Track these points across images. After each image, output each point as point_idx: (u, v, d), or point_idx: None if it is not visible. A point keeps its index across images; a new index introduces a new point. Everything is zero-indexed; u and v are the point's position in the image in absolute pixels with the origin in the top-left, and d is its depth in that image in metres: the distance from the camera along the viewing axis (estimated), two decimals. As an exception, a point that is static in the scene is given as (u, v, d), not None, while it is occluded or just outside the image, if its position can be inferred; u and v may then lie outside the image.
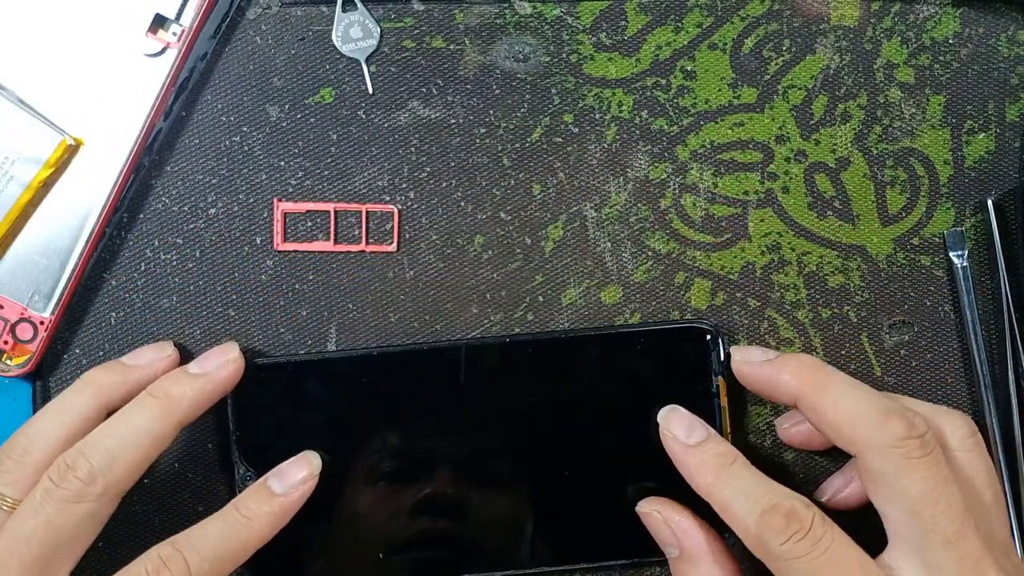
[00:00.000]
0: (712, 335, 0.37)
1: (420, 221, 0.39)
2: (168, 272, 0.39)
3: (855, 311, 0.39)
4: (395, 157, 0.39)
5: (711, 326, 0.37)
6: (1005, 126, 0.39)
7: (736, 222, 0.39)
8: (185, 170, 0.39)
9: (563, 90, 0.39)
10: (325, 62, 0.39)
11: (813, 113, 0.39)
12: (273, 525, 0.34)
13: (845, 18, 0.39)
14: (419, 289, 0.39)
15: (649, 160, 0.39)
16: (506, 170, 0.39)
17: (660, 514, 0.35)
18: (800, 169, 0.39)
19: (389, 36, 0.39)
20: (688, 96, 0.39)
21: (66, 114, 0.37)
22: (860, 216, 0.39)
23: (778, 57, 0.39)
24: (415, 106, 0.39)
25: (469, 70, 0.39)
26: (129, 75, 0.37)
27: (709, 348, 0.37)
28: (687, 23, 0.39)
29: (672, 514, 0.35)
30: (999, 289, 0.38)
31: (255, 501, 0.34)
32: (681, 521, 0.35)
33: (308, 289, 0.39)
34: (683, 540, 0.34)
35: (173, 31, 0.37)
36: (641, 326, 0.38)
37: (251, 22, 0.39)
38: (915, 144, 0.39)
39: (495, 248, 0.39)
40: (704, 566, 0.34)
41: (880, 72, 0.39)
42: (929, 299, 0.39)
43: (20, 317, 0.38)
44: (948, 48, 0.39)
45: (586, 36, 0.39)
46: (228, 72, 0.39)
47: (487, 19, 0.39)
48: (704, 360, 0.37)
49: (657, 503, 0.36)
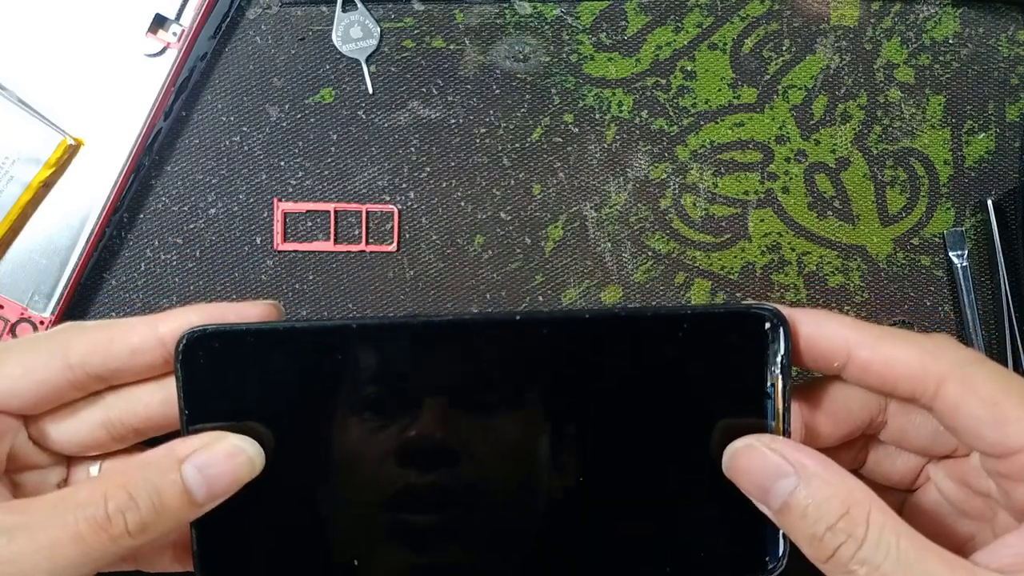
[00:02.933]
0: (773, 323, 0.29)
1: (420, 221, 0.39)
2: (168, 272, 0.39)
3: (855, 311, 0.39)
4: (395, 157, 0.39)
5: (771, 311, 0.29)
6: (1005, 126, 0.39)
7: (736, 222, 0.39)
8: (185, 170, 0.39)
9: (563, 90, 0.39)
10: (325, 62, 0.39)
11: (813, 113, 0.39)
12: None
13: (845, 18, 0.39)
14: (419, 289, 0.39)
15: (649, 160, 0.39)
16: (506, 170, 0.39)
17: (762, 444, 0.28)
18: (800, 169, 0.39)
19: (389, 36, 0.39)
20: (688, 96, 0.39)
21: (66, 114, 0.37)
22: (860, 216, 0.39)
23: (778, 57, 0.39)
24: (415, 106, 0.39)
25: (469, 70, 0.39)
26: (129, 75, 0.37)
27: (768, 339, 0.30)
28: (687, 23, 0.39)
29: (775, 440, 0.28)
30: (999, 289, 0.38)
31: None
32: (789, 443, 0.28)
33: (308, 289, 0.39)
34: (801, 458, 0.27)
35: (173, 31, 0.37)
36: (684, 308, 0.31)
37: (251, 22, 0.39)
38: (915, 144, 0.39)
39: (495, 248, 0.39)
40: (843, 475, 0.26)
41: (880, 72, 0.39)
42: (929, 299, 0.39)
43: (20, 317, 0.38)
44: (948, 48, 0.39)
45: (586, 36, 0.39)
46: (228, 72, 0.39)
47: (487, 19, 0.39)
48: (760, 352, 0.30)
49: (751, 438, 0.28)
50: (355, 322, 0.30)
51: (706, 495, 0.30)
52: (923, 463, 0.31)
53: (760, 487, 0.27)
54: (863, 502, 0.25)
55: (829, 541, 0.25)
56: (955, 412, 0.26)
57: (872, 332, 0.28)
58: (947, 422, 0.27)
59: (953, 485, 0.30)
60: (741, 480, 0.28)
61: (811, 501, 0.26)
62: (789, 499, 0.26)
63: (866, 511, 0.25)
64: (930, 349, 0.27)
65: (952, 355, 0.27)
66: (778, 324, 0.29)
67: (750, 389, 0.30)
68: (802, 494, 0.26)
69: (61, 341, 0.27)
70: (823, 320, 0.28)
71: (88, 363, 0.27)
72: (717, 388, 0.30)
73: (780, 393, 0.30)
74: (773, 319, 0.29)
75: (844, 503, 0.25)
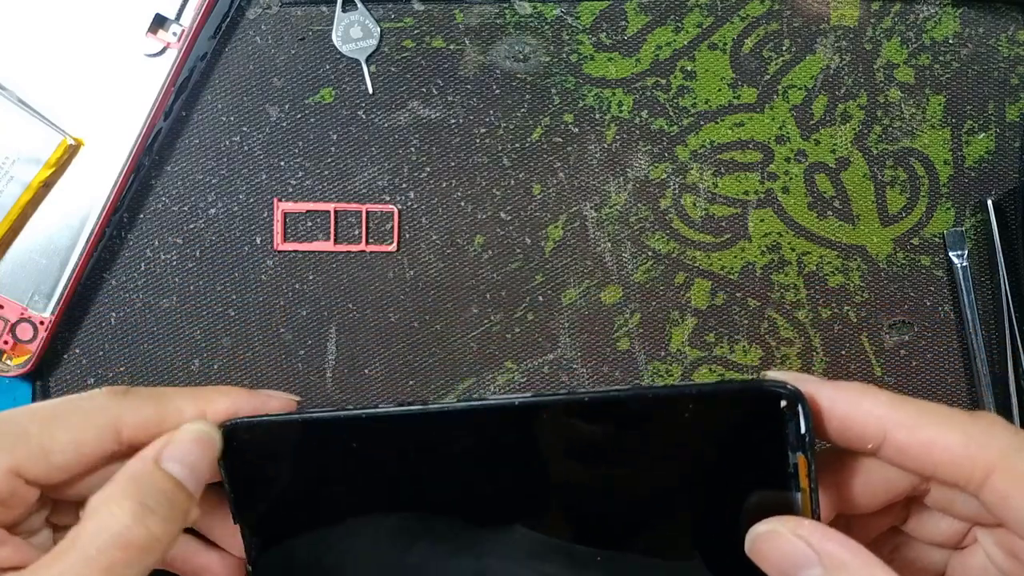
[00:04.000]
0: (789, 400, 0.27)
1: (420, 221, 0.39)
2: (168, 272, 0.39)
3: (855, 311, 0.39)
4: (395, 157, 0.39)
5: (788, 388, 0.27)
6: (1005, 126, 0.39)
7: (736, 222, 0.39)
8: (185, 170, 0.39)
9: (563, 90, 0.39)
10: (325, 62, 0.39)
11: (813, 113, 0.39)
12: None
13: (845, 18, 0.39)
14: (419, 289, 0.39)
15: (649, 160, 0.39)
16: (506, 170, 0.39)
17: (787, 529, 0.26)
18: (800, 169, 0.39)
19: (389, 36, 0.39)
20: (688, 96, 0.39)
21: (66, 114, 0.37)
22: (860, 216, 0.39)
23: (778, 57, 0.39)
24: (415, 106, 0.39)
25: (469, 70, 0.39)
26: (129, 75, 0.37)
27: (785, 417, 0.27)
28: (687, 23, 0.39)
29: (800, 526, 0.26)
30: (999, 289, 0.38)
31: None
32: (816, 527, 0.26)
33: (308, 289, 0.39)
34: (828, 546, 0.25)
35: (173, 31, 0.37)
36: (694, 385, 0.31)
37: (251, 22, 0.39)
38: (915, 144, 0.39)
39: (495, 248, 0.39)
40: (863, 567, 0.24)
41: (880, 72, 0.39)
42: (929, 299, 0.39)
43: (20, 317, 0.38)
44: (948, 48, 0.39)
45: (586, 36, 0.39)
46: (228, 72, 0.39)
47: (487, 19, 0.39)
48: (778, 431, 0.27)
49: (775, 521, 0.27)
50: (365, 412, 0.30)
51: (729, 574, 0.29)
52: (970, 526, 0.29)
53: (783, 574, 0.26)
54: None
55: None
56: (1005, 505, 0.25)
57: (910, 411, 0.26)
58: (995, 512, 0.25)
59: (1002, 554, 0.28)
60: (764, 565, 0.27)
61: None
62: None
63: None
64: (975, 435, 0.25)
65: (1001, 442, 0.25)
66: (795, 401, 0.27)
67: (773, 468, 0.28)
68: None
69: (112, 416, 0.27)
70: (855, 396, 0.27)
71: (136, 440, 0.27)
72: (737, 467, 0.29)
73: (805, 472, 0.27)
74: (789, 397, 0.27)
75: None
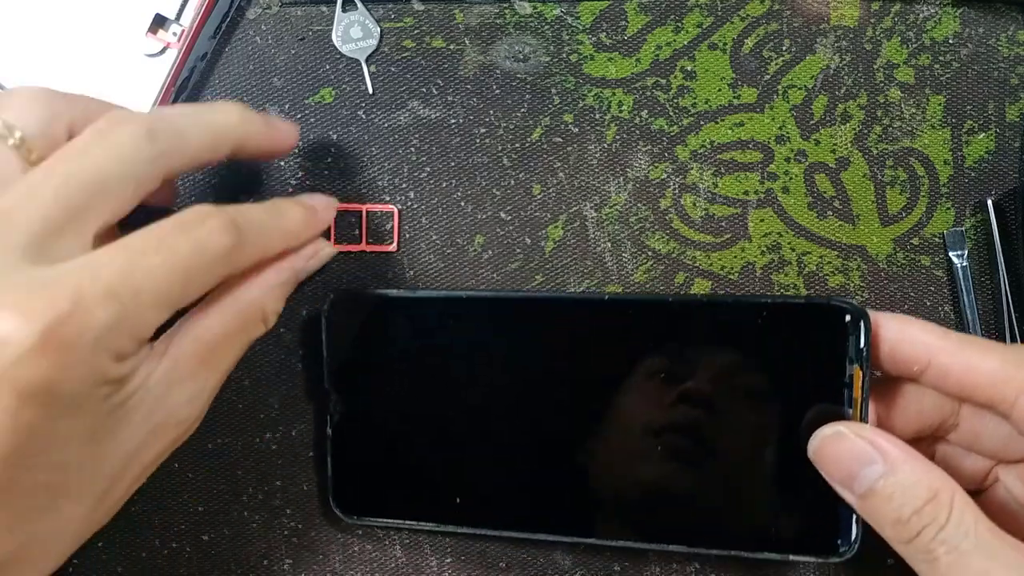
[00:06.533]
0: (853, 315, 0.31)
1: (420, 221, 0.39)
2: (168, 272, 0.39)
3: (855, 311, 0.39)
4: (395, 157, 0.39)
5: (853, 305, 0.31)
6: (1005, 126, 0.39)
7: (736, 222, 0.39)
8: (185, 170, 0.39)
9: (563, 90, 0.39)
10: (325, 62, 0.39)
11: (813, 113, 0.39)
12: (304, 224, 0.33)
13: (845, 18, 0.39)
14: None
15: (649, 160, 0.39)
16: (506, 170, 0.39)
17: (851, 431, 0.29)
18: (800, 169, 0.39)
19: (389, 36, 0.39)
20: (688, 96, 0.39)
21: (66, 114, 0.37)
22: (860, 216, 0.39)
23: (778, 57, 0.39)
24: (415, 106, 0.39)
25: (469, 70, 0.39)
26: (129, 75, 0.37)
27: (848, 330, 0.32)
28: (687, 23, 0.39)
29: (863, 429, 0.29)
30: (999, 289, 0.38)
31: (285, 203, 0.33)
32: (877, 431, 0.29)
33: (308, 289, 0.39)
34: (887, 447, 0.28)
35: (173, 31, 0.37)
36: (766, 297, 0.35)
37: (251, 22, 0.39)
38: (915, 144, 0.39)
39: (495, 248, 0.39)
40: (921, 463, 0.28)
41: (880, 72, 0.39)
42: (929, 299, 0.39)
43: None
44: (948, 48, 0.39)
45: (586, 36, 0.39)
46: (228, 72, 0.39)
47: (487, 19, 0.39)
48: (839, 344, 0.32)
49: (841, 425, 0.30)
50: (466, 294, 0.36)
51: (784, 477, 0.32)
52: (992, 465, 0.31)
53: (847, 473, 0.29)
54: (947, 489, 0.27)
55: (914, 523, 0.27)
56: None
57: (954, 338, 0.29)
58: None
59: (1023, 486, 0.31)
60: (827, 465, 0.30)
61: (898, 487, 0.27)
62: (875, 485, 0.28)
63: (950, 497, 0.27)
64: (1010, 359, 0.28)
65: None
66: (858, 318, 0.31)
67: (830, 379, 0.32)
68: (890, 480, 0.28)
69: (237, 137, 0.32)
70: (907, 324, 0.30)
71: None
72: (799, 375, 0.32)
73: (859, 384, 0.31)
74: (854, 312, 0.31)
75: (931, 489, 0.27)
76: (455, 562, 0.39)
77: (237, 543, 0.39)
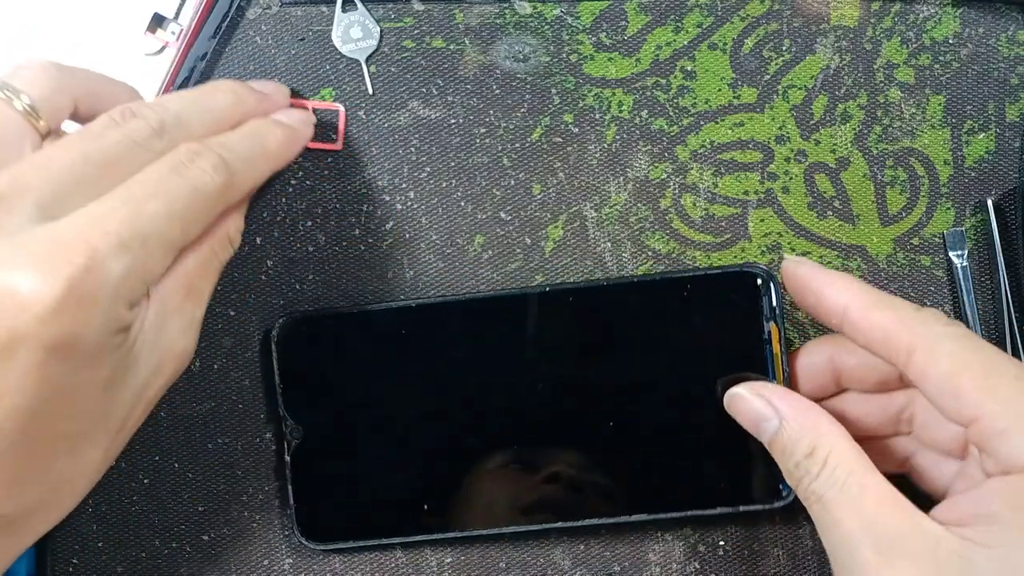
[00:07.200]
0: (763, 278, 0.35)
1: (420, 221, 0.39)
2: (168, 272, 0.39)
3: (855, 311, 0.39)
4: (395, 157, 0.39)
5: (763, 269, 0.36)
6: (1005, 126, 0.39)
7: (736, 222, 0.39)
8: (185, 170, 0.39)
9: (563, 90, 0.39)
10: (325, 62, 0.39)
11: (813, 113, 0.39)
12: (287, 146, 0.34)
13: (845, 18, 0.39)
14: (419, 289, 0.39)
15: (649, 160, 0.39)
16: (506, 170, 0.39)
17: (748, 392, 0.33)
18: (800, 169, 0.39)
19: (389, 36, 0.39)
20: (688, 96, 0.39)
21: (66, 114, 0.37)
22: (860, 216, 0.39)
23: (778, 57, 0.39)
24: (415, 106, 0.39)
25: (469, 70, 0.39)
26: (128, 74, 0.37)
27: (760, 292, 0.35)
28: (687, 23, 0.39)
29: (762, 388, 0.33)
30: (999, 289, 0.38)
31: (266, 127, 0.34)
32: (776, 389, 0.33)
33: (308, 289, 0.39)
34: (781, 404, 0.32)
35: (172, 30, 0.37)
36: (687, 271, 0.37)
37: (251, 22, 0.39)
38: (915, 144, 0.39)
39: (495, 248, 0.39)
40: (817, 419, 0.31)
41: (880, 72, 0.39)
42: (929, 299, 0.39)
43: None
44: (948, 48, 0.39)
45: (586, 36, 0.39)
46: (228, 72, 0.39)
47: (487, 19, 0.39)
48: (755, 305, 0.35)
49: (741, 386, 0.33)
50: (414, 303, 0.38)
51: (724, 435, 0.35)
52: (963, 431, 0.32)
53: (753, 427, 0.33)
54: (824, 445, 0.30)
55: (795, 473, 0.30)
56: (922, 382, 0.29)
57: (871, 297, 0.31)
58: (919, 385, 0.30)
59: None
60: (739, 421, 0.34)
61: (788, 440, 0.31)
62: (772, 438, 0.31)
63: (827, 451, 0.30)
64: (908, 319, 0.30)
65: (928, 328, 0.30)
66: (768, 279, 0.35)
67: (753, 338, 0.35)
68: (782, 435, 0.31)
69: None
70: (834, 279, 0.32)
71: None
72: (725, 339, 0.36)
73: (777, 339, 0.35)
74: (763, 275, 0.35)
75: (811, 444, 0.30)
76: (455, 562, 0.39)
77: (237, 543, 0.39)
